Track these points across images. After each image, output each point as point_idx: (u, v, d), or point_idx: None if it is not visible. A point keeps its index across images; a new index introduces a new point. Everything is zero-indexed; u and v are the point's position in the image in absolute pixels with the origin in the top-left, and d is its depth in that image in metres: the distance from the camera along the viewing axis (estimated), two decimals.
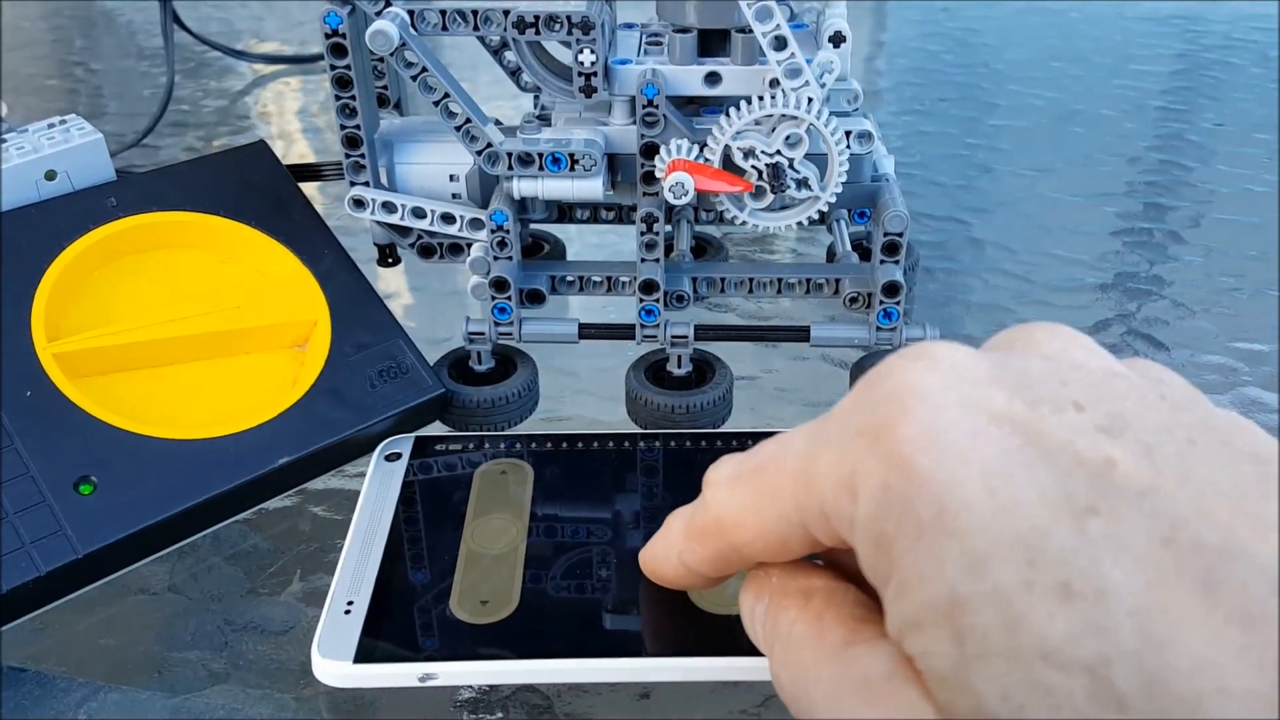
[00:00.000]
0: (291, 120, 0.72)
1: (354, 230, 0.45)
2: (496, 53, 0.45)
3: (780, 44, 0.36)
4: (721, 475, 0.25)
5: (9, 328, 0.34)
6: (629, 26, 0.42)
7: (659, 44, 0.40)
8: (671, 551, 0.26)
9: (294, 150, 0.67)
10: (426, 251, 0.42)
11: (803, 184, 0.37)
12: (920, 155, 0.64)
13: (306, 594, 0.34)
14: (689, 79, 0.38)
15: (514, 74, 0.45)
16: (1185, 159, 0.63)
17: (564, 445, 0.37)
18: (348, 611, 0.30)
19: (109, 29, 0.89)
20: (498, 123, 0.40)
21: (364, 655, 0.29)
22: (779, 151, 0.37)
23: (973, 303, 0.49)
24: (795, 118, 0.36)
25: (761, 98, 0.36)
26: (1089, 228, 0.55)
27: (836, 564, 0.25)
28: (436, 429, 0.40)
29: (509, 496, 0.35)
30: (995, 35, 0.83)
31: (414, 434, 0.38)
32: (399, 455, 0.37)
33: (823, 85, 0.37)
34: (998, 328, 0.46)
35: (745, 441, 0.37)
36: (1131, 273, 0.51)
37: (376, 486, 0.35)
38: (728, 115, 0.36)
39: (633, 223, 0.39)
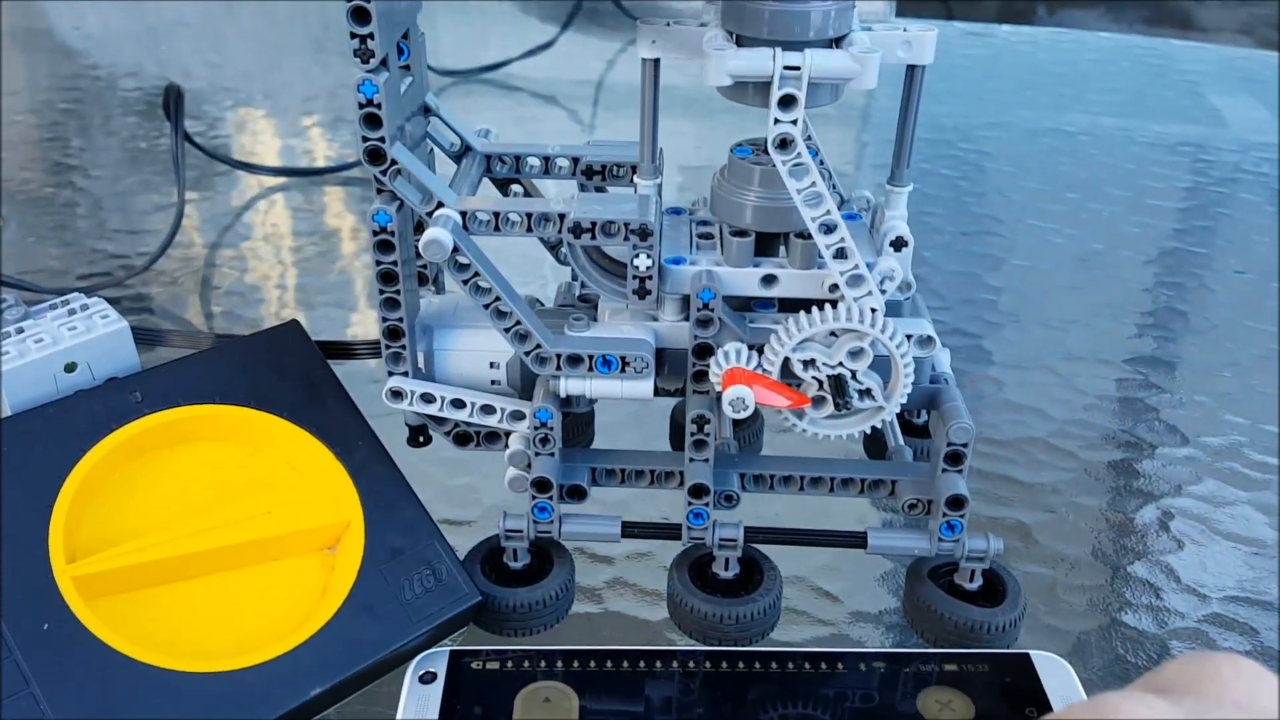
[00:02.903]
0: (297, 236, 0.70)
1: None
2: None
3: (841, 254, 0.35)
4: None
5: (26, 548, 0.32)
6: (675, 212, 0.40)
7: (710, 237, 0.39)
8: None
9: (300, 257, 0.65)
10: (462, 440, 0.40)
11: (865, 394, 0.36)
12: (947, 298, 0.63)
13: None
14: (745, 281, 0.37)
15: (553, 248, 0.44)
16: (1207, 312, 0.62)
17: (608, 664, 0.35)
18: None
19: (105, 128, 0.87)
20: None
21: None
22: (841, 363, 0.35)
23: (1015, 481, 0.48)
24: (859, 331, 0.35)
25: (822, 306, 0.35)
26: (1113, 392, 0.54)
27: None
28: (470, 629, 0.38)
29: None
30: (1009, 160, 0.83)
31: (448, 648, 0.36)
32: (434, 676, 0.35)
33: (884, 292, 0.36)
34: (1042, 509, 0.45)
35: (803, 664, 0.35)
36: (1168, 454, 0.50)
37: (412, 715, 0.33)
38: (788, 326, 0.35)
39: None
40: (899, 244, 0.36)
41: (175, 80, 0.68)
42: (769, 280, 0.37)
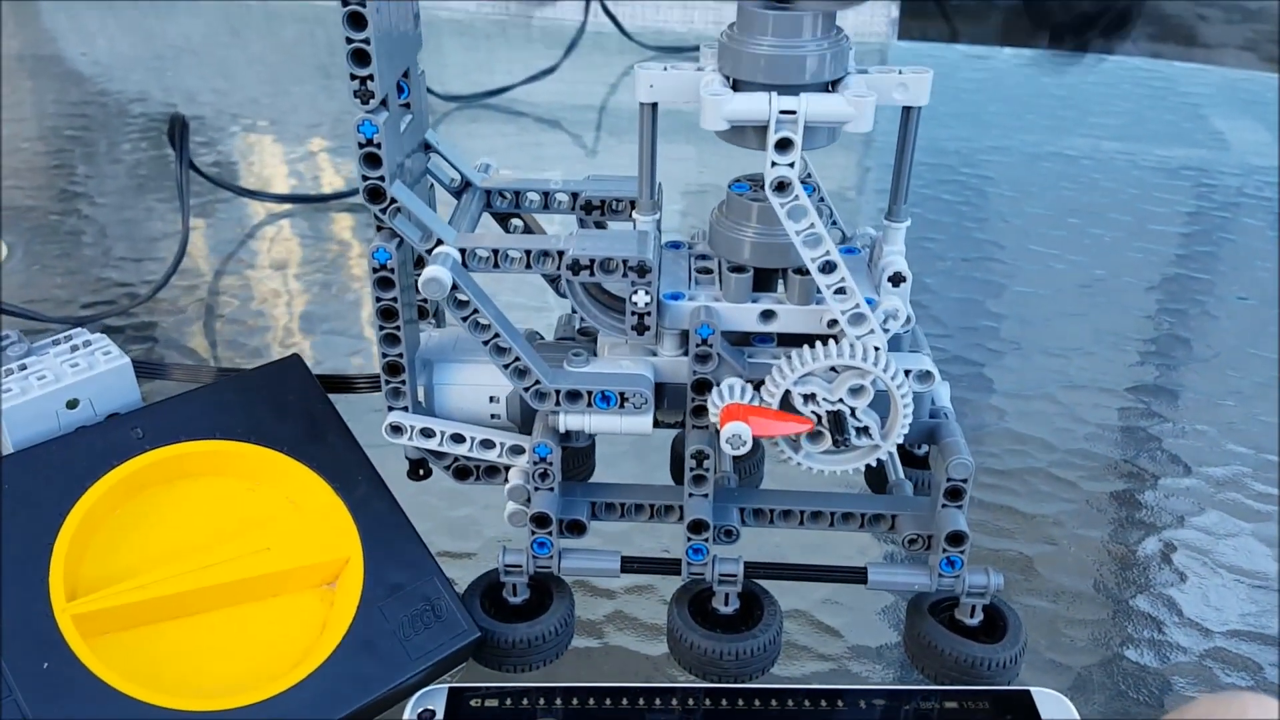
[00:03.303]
0: (302, 263, 0.70)
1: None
2: None
3: (842, 292, 0.35)
4: None
5: (27, 586, 0.32)
6: (674, 246, 0.41)
7: (709, 271, 0.39)
8: None
9: (304, 284, 0.65)
10: (462, 473, 0.40)
11: (863, 432, 0.36)
12: (949, 325, 0.63)
13: None
14: (744, 316, 0.37)
15: (553, 281, 0.44)
16: (1210, 339, 0.62)
17: (608, 701, 0.35)
18: None
19: (112, 155, 0.87)
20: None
21: None
22: (841, 400, 0.35)
23: (1016, 512, 0.48)
24: (861, 369, 0.35)
25: (825, 341, 0.35)
26: (1116, 421, 0.54)
27: None
28: (470, 665, 0.38)
29: None
30: (1010, 185, 0.83)
31: (448, 685, 0.36)
32: (433, 714, 0.35)
33: (887, 331, 0.36)
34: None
35: (803, 701, 0.35)
36: (1171, 485, 0.50)
37: None
38: (791, 360, 0.35)
39: None
40: (896, 279, 0.36)
41: (182, 106, 0.69)
42: (768, 316, 0.37)
